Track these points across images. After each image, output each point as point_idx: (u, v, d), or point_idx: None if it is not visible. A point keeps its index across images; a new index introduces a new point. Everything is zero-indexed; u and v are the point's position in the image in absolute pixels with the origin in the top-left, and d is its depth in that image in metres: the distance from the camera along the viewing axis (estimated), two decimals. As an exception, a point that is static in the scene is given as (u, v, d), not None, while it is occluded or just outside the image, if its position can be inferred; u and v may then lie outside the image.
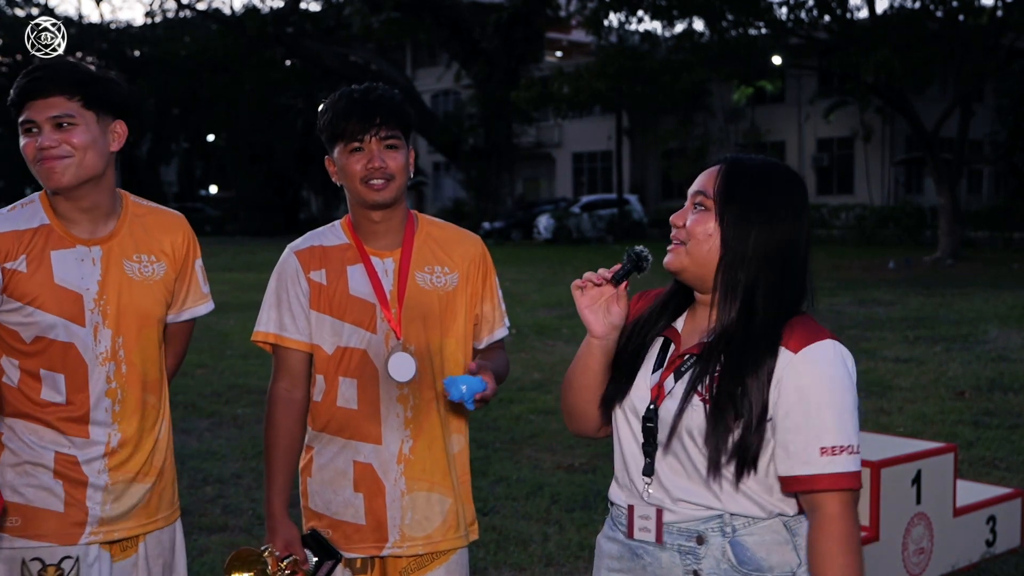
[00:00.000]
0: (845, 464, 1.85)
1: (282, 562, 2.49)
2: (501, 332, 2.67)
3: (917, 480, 4.42)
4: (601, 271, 2.02)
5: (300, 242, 2.62)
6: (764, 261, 1.90)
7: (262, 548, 2.49)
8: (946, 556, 4.59)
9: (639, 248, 2.01)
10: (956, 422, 7.25)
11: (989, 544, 4.78)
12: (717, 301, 1.93)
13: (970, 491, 4.93)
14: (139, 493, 2.48)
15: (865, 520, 4.26)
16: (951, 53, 23.68)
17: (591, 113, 33.82)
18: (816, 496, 1.87)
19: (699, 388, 1.91)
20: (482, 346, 2.66)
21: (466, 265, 2.60)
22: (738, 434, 1.87)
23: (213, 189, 56.05)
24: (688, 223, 1.95)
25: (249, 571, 2.45)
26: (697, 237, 1.93)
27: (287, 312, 2.55)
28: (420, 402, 2.54)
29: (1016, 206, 29.54)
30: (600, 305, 2.01)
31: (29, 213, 2.41)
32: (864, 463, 4.22)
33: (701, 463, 1.91)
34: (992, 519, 4.79)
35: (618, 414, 2.03)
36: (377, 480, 2.52)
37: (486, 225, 34.02)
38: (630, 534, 2.00)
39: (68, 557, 2.38)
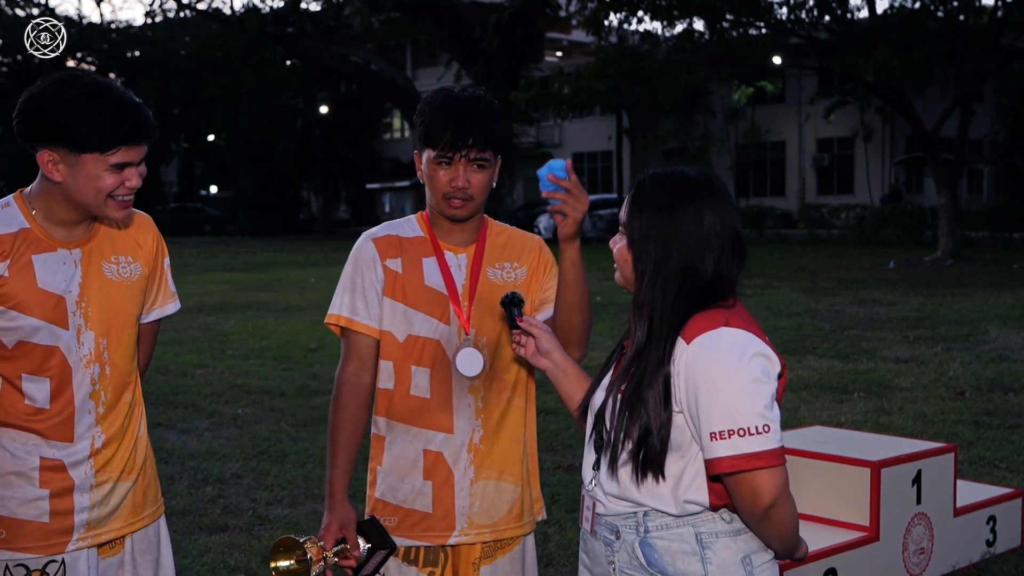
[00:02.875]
0: (733, 447, 1.92)
1: (330, 549, 2.49)
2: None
3: (917, 480, 4.42)
4: (514, 333, 2.35)
5: (377, 230, 2.66)
6: (663, 282, 2.03)
7: (303, 539, 2.49)
8: (946, 556, 4.59)
9: (507, 295, 2.37)
10: (956, 422, 7.25)
11: (989, 544, 4.78)
12: (632, 319, 2.09)
13: (970, 491, 4.93)
14: (123, 491, 2.48)
15: (865, 520, 4.27)
16: (951, 53, 23.68)
17: (591, 113, 33.84)
18: (725, 479, 1.96)
19: (621, 385, 2.06)
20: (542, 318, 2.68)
21: (532, 258, 2.68)
22: (642, 426, 1.99)
23: (213, 189, 56.05)
24: (615, 248, 2.14)
25: (290, 558, 2.46)
26: (620, 262, 2.12)
27: (360, 297, 2.58)
28: (491, 393, 2.60)
29: (1016, 206, 29.52)
30: (534, 349, 2.33)
31: (8, 217, 2.39)
32: (864, 463, 4.27)
33: (610, 454, 2.06)
34: (992, 519, 4.79)
35: (588, 413, 2.21)
36: (447, 468, 2.56)
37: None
38: (580, 522, 2.21)
39: (53, 561, 2.37)
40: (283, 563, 2.46)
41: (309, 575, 2.46)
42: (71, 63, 47.44)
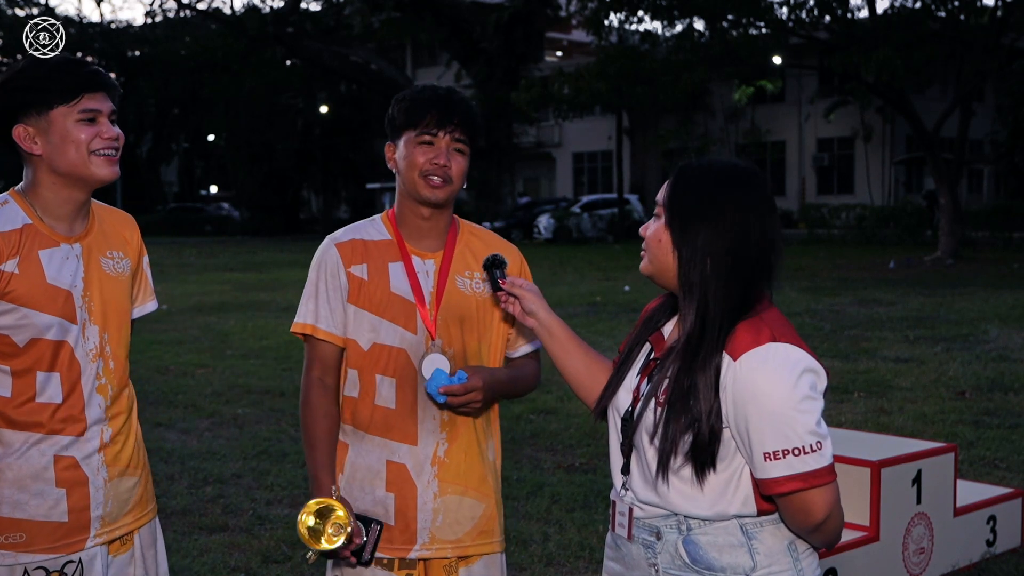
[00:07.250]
0: (788, 467, 1.90)
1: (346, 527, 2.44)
2: (535, 344, 2.65)
3: (917, 480, 4.42)
4: (498, 296, 2.36)
5: (341, 234, 2.63)
6: (712, 262, 1.97)
7: (345, 518, 2.41)
8: (946, 556, 4.59)
9: (488, 257, 2.40)
10: (956, 422, 7.25)
11: (989, 544, 4.78)
12: (681, 305, 2.03)
13: (970, 491, 4.93)
14: (131, 486, 2.50)
15: (865, 520, 4.27)
16: (952, 53, 23.69)
17: (591, 113, 33.84)
18: (776, 498, 1.96)
19: (658, 392, 2.00)
20: (515, 355, 2.64)
21: None
22: (690, 436, 1.94)
23: (213, 189, 56.06)
24: (648, 232, 2.07)
25: (325, 526, 2.40)
26: (652, 244, 2.05)
27: (324, 304, 2.55)
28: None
29: (1016, 206, 29.55)
30: (520, 309, 2.31)
31: (9, 214, 2.38)
32: (864, 463, 4.26)
33: (653, 465, 2.01)
34: (992, 519, 4.79)
35: (609, 414, 2.15)
36: (410, 481, 2.52)
37: (486, 225, 34.04)
38: (612, 528, 2.14)
39: (71, 562, 2.39)
40: (311, 522, 2.39)
41: (331, 550, 2.39)
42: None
